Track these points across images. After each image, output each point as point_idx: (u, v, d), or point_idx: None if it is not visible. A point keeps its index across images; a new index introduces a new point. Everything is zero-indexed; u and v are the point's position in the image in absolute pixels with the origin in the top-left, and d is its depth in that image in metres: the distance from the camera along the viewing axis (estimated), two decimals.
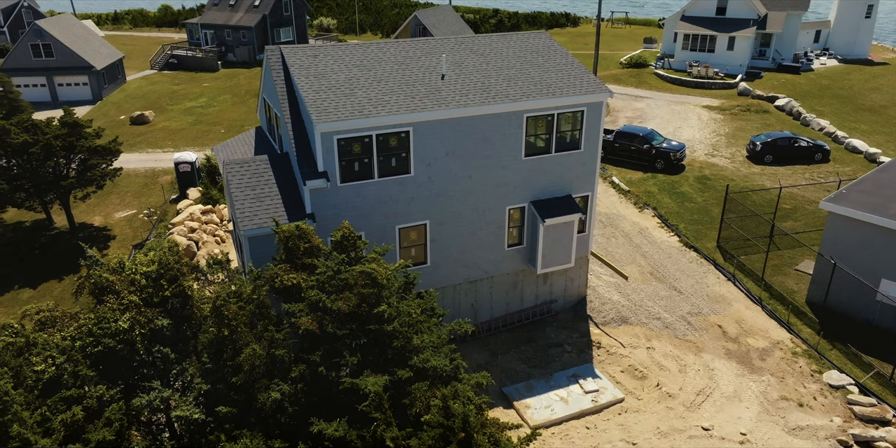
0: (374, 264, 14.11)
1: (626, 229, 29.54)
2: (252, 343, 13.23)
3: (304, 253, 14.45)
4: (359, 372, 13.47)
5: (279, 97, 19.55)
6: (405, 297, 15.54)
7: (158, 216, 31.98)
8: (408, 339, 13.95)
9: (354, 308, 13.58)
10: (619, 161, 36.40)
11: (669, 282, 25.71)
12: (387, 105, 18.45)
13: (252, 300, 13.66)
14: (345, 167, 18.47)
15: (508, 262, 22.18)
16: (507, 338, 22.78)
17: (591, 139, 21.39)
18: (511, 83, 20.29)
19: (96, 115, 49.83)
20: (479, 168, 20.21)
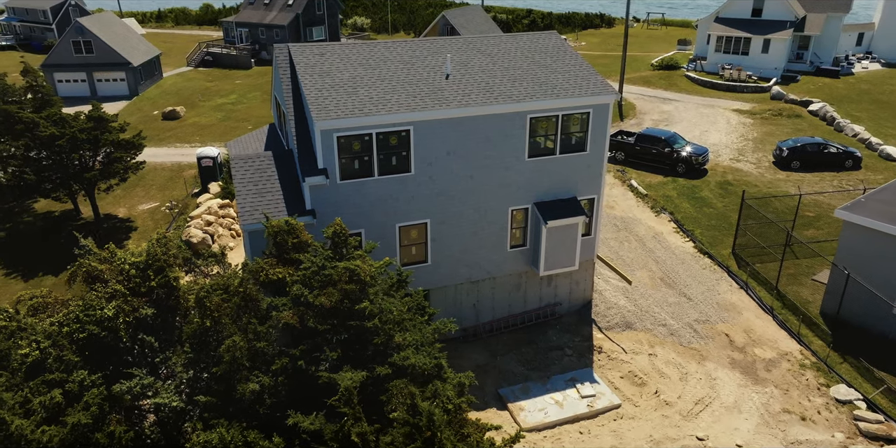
0: (359, 261, 14.25)
1: (640, 234, 29.15)
2: (235, 335, 13.50)
3: (292, 248, 14.67)
4: (338, 367, 13.62)
5: (285, 94, 19.88)
6: (393, 294, 15.66)
7: (179, 209, 32.80)
8: (389, 337, 14.04)
9: (336, 304, 13.73)
10: (640, 164, 35.93)
11: (679, 288, 25.28)
12: (387, 104, 18.59)
13: (238, 293, 13.93)
14: (344, 165, 18.67)
15: (511, 264, 22.09)
16: (508, 339, 22.72)
17: (598, 141, 21.16)
18: (516, 83, 20.22)
19: (131, 110, 51.37)
20: (480, 168, 20.19)
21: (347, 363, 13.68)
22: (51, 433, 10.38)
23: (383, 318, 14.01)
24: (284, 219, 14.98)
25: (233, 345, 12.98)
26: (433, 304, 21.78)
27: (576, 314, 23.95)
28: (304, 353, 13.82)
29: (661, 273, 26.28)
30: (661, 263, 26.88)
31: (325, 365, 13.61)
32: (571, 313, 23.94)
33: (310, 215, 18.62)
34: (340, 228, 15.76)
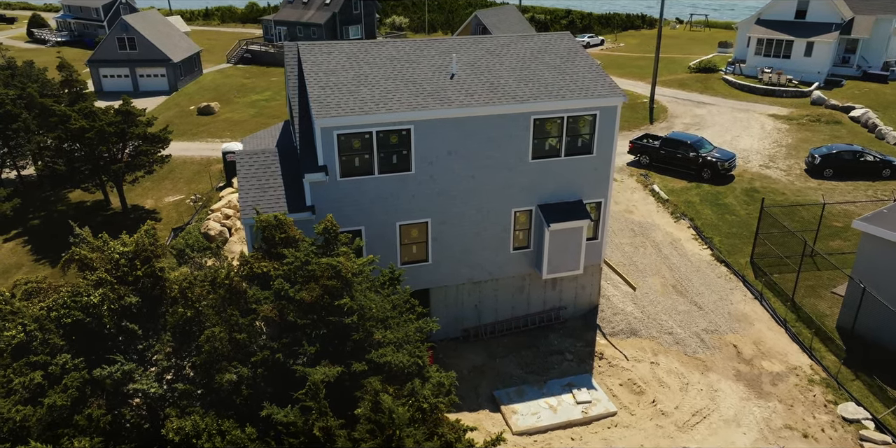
0: (342, 258, 14.42)
1: (657, 239, 28.67)
2: (217, 326, 13.84)
3: (279, 243, 14.94)
4: (316, 362, 13.82)
5: (291, 92, 20.23)
6: (379, 291, 15.79)
7: (203, 202, 33.70)
8: (368, 333, 14.17)
9: (317, 299, 13.94)
10: (664, 169, 35.30)
11: (691, 296, 24.76)
12: (389, 102, 18.74)
13: (223, 285, 14.27)
14: (345, 162, 18.90)
15: (514, 265, 22.01)
16: (509, 341, 22.64)
17: (605, 144, 20.91)
18: (521, 84, 20.12)
19: (169, 105, 52.99)
20: (482, 168, 20.16)
21: (326, 358, 13.87)
22: (25, 413, 10.84)
23: (363, 314, 14.15)
24: (274, 214, 15.26)
25: (212, 335, 13.30)
26: (434, 303, 21.88)
27: (581, 319, 23.71)
28: (284, 346, 14.07)
29: (673, 280, 25.80)
30: (674, 270, 26.38)
31: (304, 359, 13.83)
32: (576, 318, 23.72)
33: (309, 211, 18.90)
34: (331, 225, 15.99)
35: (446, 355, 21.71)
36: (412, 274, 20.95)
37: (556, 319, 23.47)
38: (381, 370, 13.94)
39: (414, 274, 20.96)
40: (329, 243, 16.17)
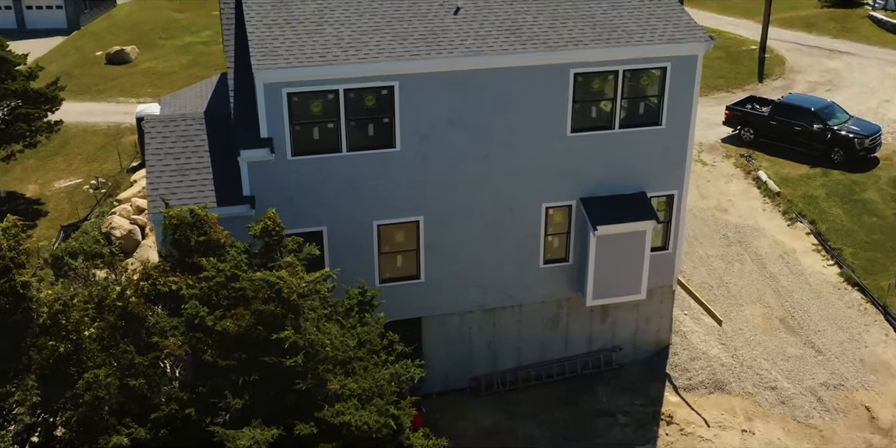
0: (285, 272, 14.54)
1: (760, 251, 28.55)
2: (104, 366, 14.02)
3: (196, 248, 15.11)
4: (244, 421, 13.95)
5: (226, 30, 20.45)
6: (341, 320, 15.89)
7: (108, 189, 34.11)
8: (320, 381, 14.28)
9: (247, 330, 14.07)
10: (776, 148, 35.07)
11: (806, 335, 24.63)
12: (363, 48, 18.86)
13: (114, 309, 14.45)
14: (299, 134, 19.06)
15: (545, 286, 22.08)
16: (537, 396, 22.74)
17: (680, 111, 20.89)
18: (557, 22, 20.15)
19: (67, 50, 53.72)
20: (500, 145, 20.24)
21: (259, 416, 14.00)
22: None
23: (313, 353, 14.25)
24: (190, 207, 15.43)
25: (95, 380, 13.48)
26: (428, 338, 22.04)
27: (643, 365, 23.72)
28: (199, 397, 14.22)
29: (781, 311, 25.67)
30: (784, 296, 26.25)
31: (225, 416, 13.96)
32: (637, 363, 23.78)
33: (247, 205, 19.08)
34: (273, 224, 16.16)
35: (445, 414, 21.82)
36: (396, 296, 20.98)
37: (606, 365, 23.49)
38: (338, 435, 14.04)
39: (399, 297, 21.03)
40: (271, 251, 16.34)
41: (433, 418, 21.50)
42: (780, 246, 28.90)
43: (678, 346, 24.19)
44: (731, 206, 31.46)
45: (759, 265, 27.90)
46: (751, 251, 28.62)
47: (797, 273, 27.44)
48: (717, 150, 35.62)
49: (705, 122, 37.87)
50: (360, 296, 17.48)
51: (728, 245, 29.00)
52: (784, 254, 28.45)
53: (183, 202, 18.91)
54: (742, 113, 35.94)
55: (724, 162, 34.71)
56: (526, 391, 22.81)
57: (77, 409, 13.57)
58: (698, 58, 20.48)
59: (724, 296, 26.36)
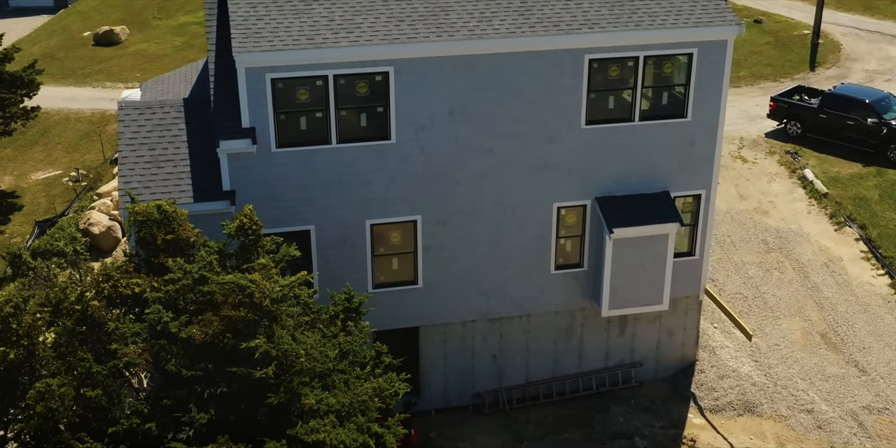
0: (258, 274, 14.64)
1: (803, 258, 28.38)
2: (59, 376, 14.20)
3: (162, 247, 15.26)
4: (209, 437, 14.06)
5: (207, 12, 20.59)
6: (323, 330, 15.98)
7: (89, 182, 34.48)
8: (294, 395, 14.37)
9: (214, 338, 14.18)
10: (826, 143, 34.81)
11: (850, 352, 24.45)
12: (355, 30, 18.95)
13: (73, 312, 14.62)
14: (284, 124, 19.19)
15: (557, 294, 22.10)
16: (546, 415, 22.78)
17: (708, 102, 20.92)
18: (571, 3, 20.14)
19: (53, 29, 54.30)
20: (506, 138, 20.28)
21: (225, 431, 14.11)
22: None
23: (286, 365, 14.33)
24: (157, 202, 15.58)
25: (48, 391, 13.64)
26: (426, 350, 22.15)
27: (666, 383, 23.69)
28: (162, 411, 14.35)
29: (823, 325, 25.49)
30: (826, 309, 26.07)
31: (188, 432, 14.09)
32: (659, 381, 23.75)
33: (226, 200, 19.22)
34: (250, 222, 16.30)
35: (443, 434, 21.90)
36: (391, 303, 21.15)
37: (624, 382, 23.48)
38: None
39: (394, 303, 21.17)
40: (247, 251, 16.47)
41: (430, 438, 21.65)
42: (826, 253, 28.69)
43: (705, 362, 24.07)
44: (772, 208, 31.27)
45: (800, 274, 27.71)
46: (792, 258, 28.44)
47: (843, 283, 27.22)
48: (760, 146, 35.40)
49: (748, 114, 37.84)
50: (346, 302, 17.64)
51: (767, 251, 28.82)
52: (829, 262, 28.23)
53: (157, 197, 19.04)
54: (788, 105, 35.69)
55: (768, 159, 34.49)
56: (534, 410, 22.82)
57: (28, 422, 13.74)
58: (728, 43, 20.42)
59: (759, 307, 26.22)
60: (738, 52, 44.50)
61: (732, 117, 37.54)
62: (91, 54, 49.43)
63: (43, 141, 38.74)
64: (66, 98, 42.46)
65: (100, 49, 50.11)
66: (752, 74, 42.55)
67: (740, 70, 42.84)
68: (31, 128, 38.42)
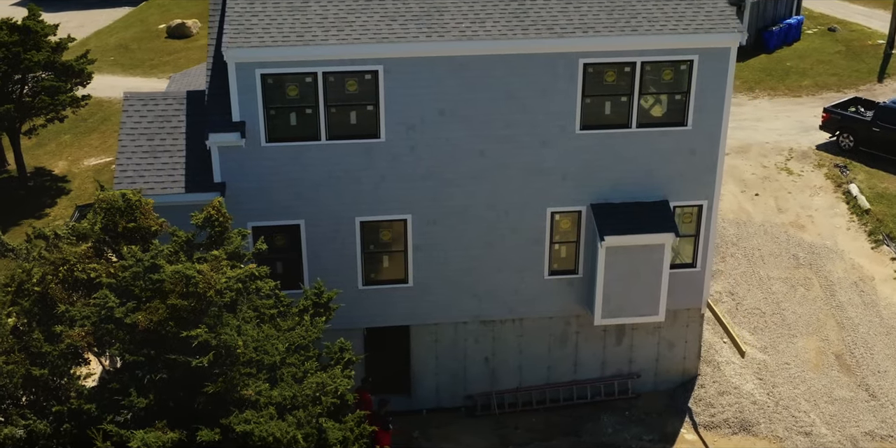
0: (206, 265, 14.92)
1: (833, 275, 27.48)
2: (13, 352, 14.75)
3: (123, 235, 15.68)
4: (148, 420, 14.40)
5: (212, 6, 21.05)
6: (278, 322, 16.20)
7: None
8: (231, 386, 14.59)
9: (157, 326, 14.51)
10: (878, 157, 33.59)
11: (863, 375, 23.59)
12: (346, 28, 19.11)
13: (32, 294, 15.17)
14: (274, 119, 19.52)
15: (551, 300, 21.93)
16: (536, 421, 22.61)
17: (709, 110, 20.47)
18: (570, 6, 19.92)
19: (131, 22, 56.11)
20: (498, 141, 20.21)
21: (162, 416, 14.41)
22: None
23: (226, 355, 14.56)
24: (123, 190, 16.02)
25: None
26: (417, 349, 22.22)
27: (664, 396, 23.30)
28: (105, 393, 14.76)
29: (840, 346, 24.67)
30: (847, 329, 25.23)
31: (127, 415, 14.45)
32: (657, 394, 23.37)
33: (216, 192, 19.61)
34: (217, 214, 16.63)
35: (427, 435, 21.93)
36: (382, 301, 21.34)
37: (621, 393, 23.15)
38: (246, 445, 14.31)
39: (385, 301, 21.36)
40: (215, 242, 16.81)
41: (413, 438, 21.69)
42: (858, 271, 27.73)
43: (708, 377, 23.54)
44: (809, 222, 30.33)
45: (827, 292, 26.84)
46: (821, 275, 27.56)
47: (870, 304, 26.28)
48: (809, 158, 34.32)
49: (803, 125, 36.77)
50: (315, 297, 17.84)
51: (796, 267, 27.98)
52: (860, 280, 27.29)
53: (150, 186, 19.70)
54: (841, 117, 34.53)
55: (815, 172, 33.43)
56: (525, 415, 22.68)
57: None
58: (731, 50, 19.94)
59: (775, 324, 25.47)
60: (805, 60, 43.59)
61: (785, 127, 36.85)
62: (162, 46, 50.88)
63: (101, 128, 40.05)
64: (129, 88, 43.61)
65: (171, 41, 51.53)
66: (815, 84, 41.30)
67: (804, 79, 41.76)
68: (92, 115, 39.80)
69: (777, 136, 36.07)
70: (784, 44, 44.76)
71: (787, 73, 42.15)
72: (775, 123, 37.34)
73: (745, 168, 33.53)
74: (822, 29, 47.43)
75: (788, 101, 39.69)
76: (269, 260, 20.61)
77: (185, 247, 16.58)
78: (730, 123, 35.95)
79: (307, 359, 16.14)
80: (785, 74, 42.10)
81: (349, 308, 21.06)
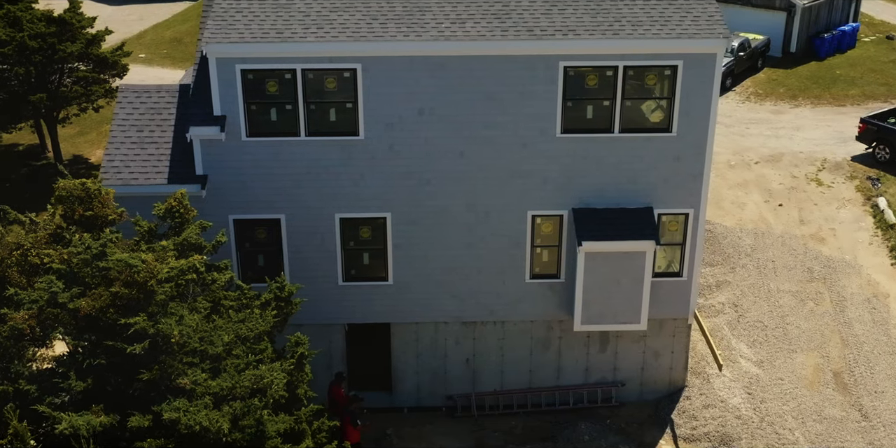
0: (150, 255, 15.27)
1: (846, 291, 26.78)
2: None
3: (80, 223, 16.13)
4: (85, 404, 14.81)
5: (204, 3, 21.43)
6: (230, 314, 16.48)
7: None
8: (166, 373, 14.91)
9: (100, 312, 14.91)
10: None
11: (859, 395, 22.96)
12: (326, 26, 19.26)
13: None
14: (254, 114, 19.80)
15: (533, 304, 21.83)
16: (514, 425, 22.55)
17: (695, 117, 20.04)
18: (554, 9, 19.74)
19: (189, 16, 57.22)
20: (478, 142, 20.18)
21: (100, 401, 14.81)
22: None
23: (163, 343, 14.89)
24: (83, 180, 16.46)
25: None
26: (397, 347, 22.34)
27: (648, 406, 23.05)
28: (46, 375, 15.22)
29: (840, 364, 24.03)
30: (851, 347, 24.57)
31: (64, 397, 14.88)
32: (642, 404, 23.11)
33: (197, 184, 20.00)
34: (178, 205, 17.02)
35: (400, 433, 21.99)
36: (362, 298, 21.54)
37: (604, 401, 22.93)
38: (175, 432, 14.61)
39: (365, 298, 21.52)
40: (176, 234, 17.20)
41: (386, 435, 21.79)
42: (873, 288, 26.95)
43: (695, 389, 23.11)
44: (831, 235, 29.54)
45: (837, 307, 26.13)
46: (834, 290, 26.84)
47: (880, 322, 25.51)
48: (843, 170, 33.39)
49: (842, 135, 35.78)
50: (277, 291, 18.11)
51: (809, 280, 27.29)
52: (873, 297, 26.52)
53: (134, 176, 20.21)
54: (878, 127, 33.48)
55: (846, 184, 32.52)
56: (504, 418, 22.62)
57: None
58: (717, 56, 19.48)
59: (776, 338, 24.89)
60: (856, 69, 42.35)
61: (823, 137, 35.93)
62: None
63: None
64: (176, 80, 44.85)
65: None
66: (862, 93, 40.09)
67: (851, 88, 40.59)
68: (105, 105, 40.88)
69: (813, 145, 35.17)
70: (837, 51, 43.51)
71: (834, 82, 40.99)
72: (814, 133, 36.43)
73: (773, 177, 32.81)
74: (880, 37, 46.01)
75: (831, 111, 38.62)
76: (251, 253, 21.30)
77: (146, 236, 17.06)
78: (765, 131, 36.42)
79: (252, 351, 16.40)
80: (832, 83, 40.94)
81: (330, 303, 21.51)
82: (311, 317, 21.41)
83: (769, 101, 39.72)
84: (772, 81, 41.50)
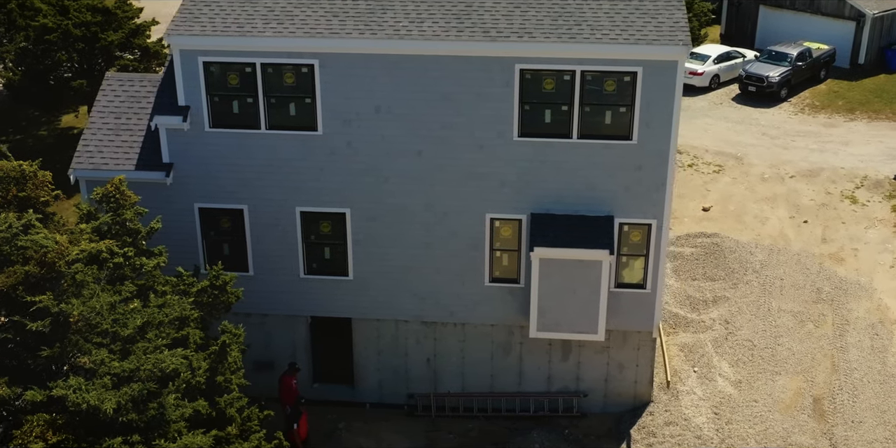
0: (64, 237, 15.84)
1: (851, 315, 25.64)
2: None
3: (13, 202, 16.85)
4: None
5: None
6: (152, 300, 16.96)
7: None
8: (65, 351, 15.45)
9: (11, 289, 15.56)
10: None
11: (834, 423, 22.03)
12: (286, 21, 19.55)
13: None
14: (217, 105, 20.24)
15: (492, 307, 21.70)
16: (470, 428, 22.47)
17: (656, 125, 19.55)
18: (517, 10, 19.55)
19: None
20: (435, 142, 20.18)
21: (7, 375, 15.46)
22: None
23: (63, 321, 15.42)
24: (18, 162, 17.19)
25: None
26: (359, 342, 22.47)
27: (610, 419, 22.61)
28: None
29: (823, 389, 23.01)
30: (840, 373, 23.53)
31: None
32: (604, 416, 22.71)
33: (162, 171, 20.61)
34: (116, 191, 17.59)
35: (352, 428, 22.14)
36: (323, 291, 21.74)
37: (565, 411, 22.61)
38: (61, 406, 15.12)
39: (326, 292, 21.74)
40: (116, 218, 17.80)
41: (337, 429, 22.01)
42: (881, 313, 25.67)
43: (661, 405, 22.50)
44: (852, 256, 28.26)
45: (838, 331, 25.02)
46: (839, 314, 25.69)
47: (879, 349, 24.30)
48: (882, 188, 31.88)
49: (892, 152, 34.37)
50: (213, 279, 18.52)
51: (815, 301, 26.19)
52: (879, 323, 25.28)
53: (105, 161, 20.93)
54: None
55: (882, 203, 31.05)
56: (461, 421, 22.53)
57: None
58: (679, 64, 18.92)
59: (762, 359, 23.98)
60: None
61: (871, 154, 34.46)
62: None
63: None
64: None
65: None
66: None
67: None
68: None
69: (857, 161, 33.72)
70: None
71: None
72: (863, 148, 34.93)
73: (805, 193, 31.62)
74: None
75: (887, 126, 36.94)
76: (217, 242, 21.80)
77: (85, 219, 17.70)
78: (811, 145, 35.08)
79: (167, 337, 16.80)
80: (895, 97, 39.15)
81: (292, 295, 21.86)
82: (273, 307, 22.00)
83: (823, 114, 38.24)
84: (832, 93, 39.96)
